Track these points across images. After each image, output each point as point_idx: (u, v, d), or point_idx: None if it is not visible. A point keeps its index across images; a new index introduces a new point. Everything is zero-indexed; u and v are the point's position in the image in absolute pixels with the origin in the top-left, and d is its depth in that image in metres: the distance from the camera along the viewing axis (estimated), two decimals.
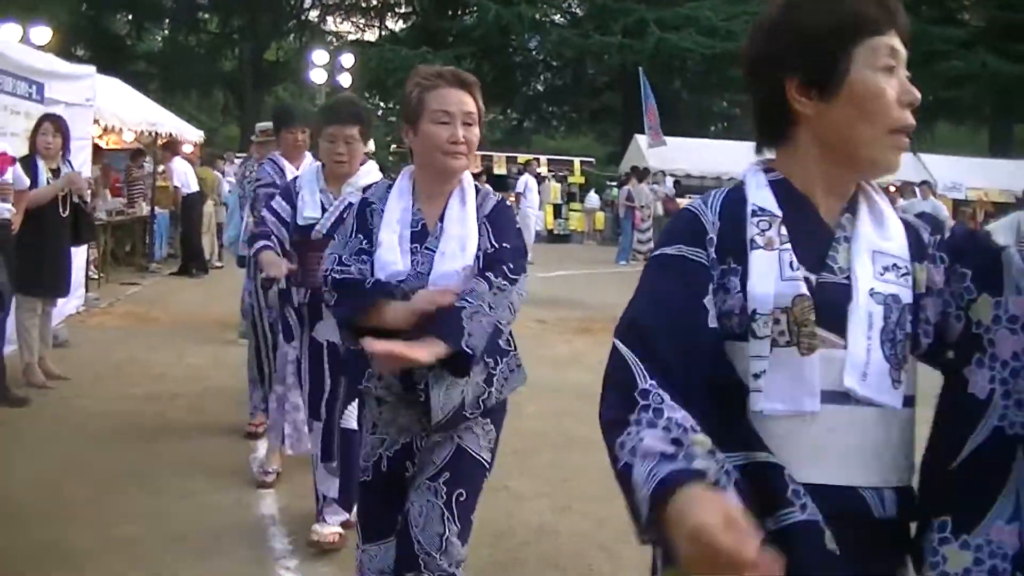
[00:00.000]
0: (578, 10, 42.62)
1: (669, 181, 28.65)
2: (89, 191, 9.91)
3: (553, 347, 11.88)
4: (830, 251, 1.99)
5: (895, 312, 1.95)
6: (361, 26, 45.53)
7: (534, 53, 42.68)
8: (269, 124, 8.04)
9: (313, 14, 44.48)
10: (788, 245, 1.95)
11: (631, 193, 25.26)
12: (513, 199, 24.42)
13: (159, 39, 45.16)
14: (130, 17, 41.52)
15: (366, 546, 3.72)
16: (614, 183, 29.18)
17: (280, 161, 7.19)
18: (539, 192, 26.37)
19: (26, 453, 6.96)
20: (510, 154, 31.90)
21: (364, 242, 3.53)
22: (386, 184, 3.72)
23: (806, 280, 1.94)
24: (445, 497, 3.52)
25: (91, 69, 12.56)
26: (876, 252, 1.99)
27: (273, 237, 5.40)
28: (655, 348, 1.89)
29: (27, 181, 8.35)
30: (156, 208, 18.61)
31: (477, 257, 3.50)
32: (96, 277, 14.73)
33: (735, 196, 2.05)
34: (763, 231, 1.97)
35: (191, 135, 20.19)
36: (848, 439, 1.90)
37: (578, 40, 39.18)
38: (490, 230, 3.57)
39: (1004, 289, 1.91)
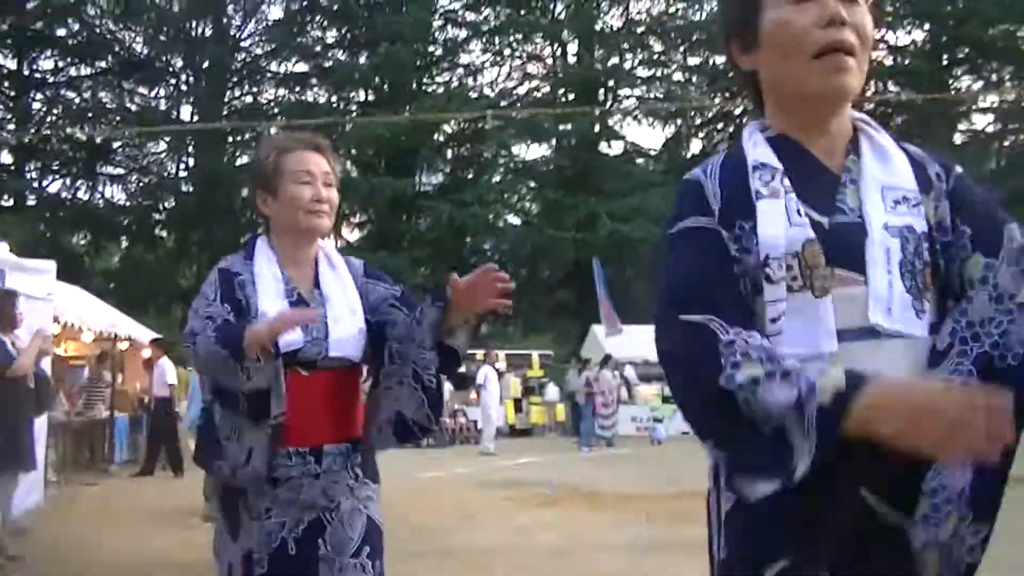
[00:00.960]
0: (532, 206, 43.25)
1: (629, 369, 28.86)
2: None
3: (519, 517, 11.83)
4: (837, 194, 2.02)
5: (911, 243, 1.98)
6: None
7: (489, 253, 43.20)
8: None
9: None
10: (792, 193, 1.99)
11: (589, 380, 25.31)
12: (474, 394, 24.45)
13: (116, 257, 45.48)
14: (88, 236, 41.89)
15: None
16: (568, 365, 29.13)
17: None
18: (499, 386, 26.37)
19: None
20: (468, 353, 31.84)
21: (230, 313, 3.26)
22: (241, 255, 3.47)
23: (818, 224, 1.97)
24: (372, 572, 3.33)
25: (51, 264, 12.58)
26: (885, 187, 2.02)
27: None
28: (720, 306, 1.91)
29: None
30: (116, 412, 18.53)
31: (367, 320, 3.43)
32: (55, 480, 14.58)
33: (734, 159, 2.09)
34: (766, 183, 2.00)
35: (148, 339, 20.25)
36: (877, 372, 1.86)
37: (533, 237, 39.78)
38: (380, 282, 3.55)
39: (999, 259, 1.95)
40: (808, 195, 2.01)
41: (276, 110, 43.02)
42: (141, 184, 42.25)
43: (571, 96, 43.11)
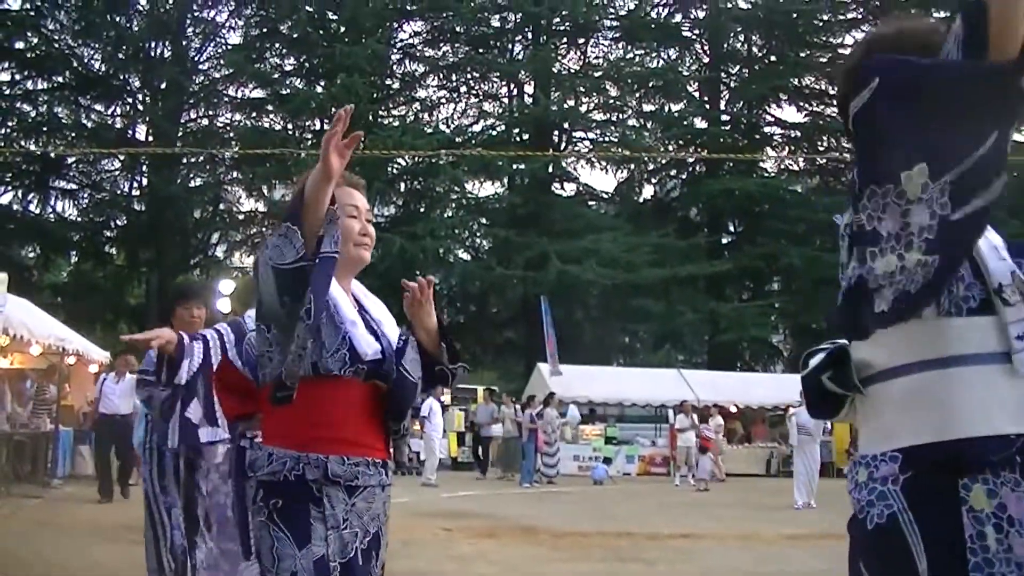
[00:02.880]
0: (483, 243, 43.37)
1: (573, 409, 29.05)
2: None
3: (459, 548, 11.96)
4: None
5: None
6: None
7: (438, 287, 43.07)
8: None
9: (220, 249, 44.85)
10: None
11: (533, 416, 25.42)
12: (418, 425, 24.52)
13: (65, 272, 45.22)
14: (38, 249, 41.64)
15: None
16: (513, 400, 29.21)
17: None
18: (443, 419, 26.43)
19: None
20: None
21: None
22: None
23: None
24: None
25: (3, 276, 12.61)
26: None
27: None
28: None
29: None
30: (60, 426, 18.53)
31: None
32: None
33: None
34: None
35: (97, 355, 20.22)
36: None
37: (482, 273, 39.95)
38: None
39: None
40: None
41: (232, 134, 42.93)
42: (93, 200, 41.91)
43: (526, 136, 43.26)
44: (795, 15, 44.22)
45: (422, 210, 41.62)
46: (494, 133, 43.89)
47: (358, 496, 3.30)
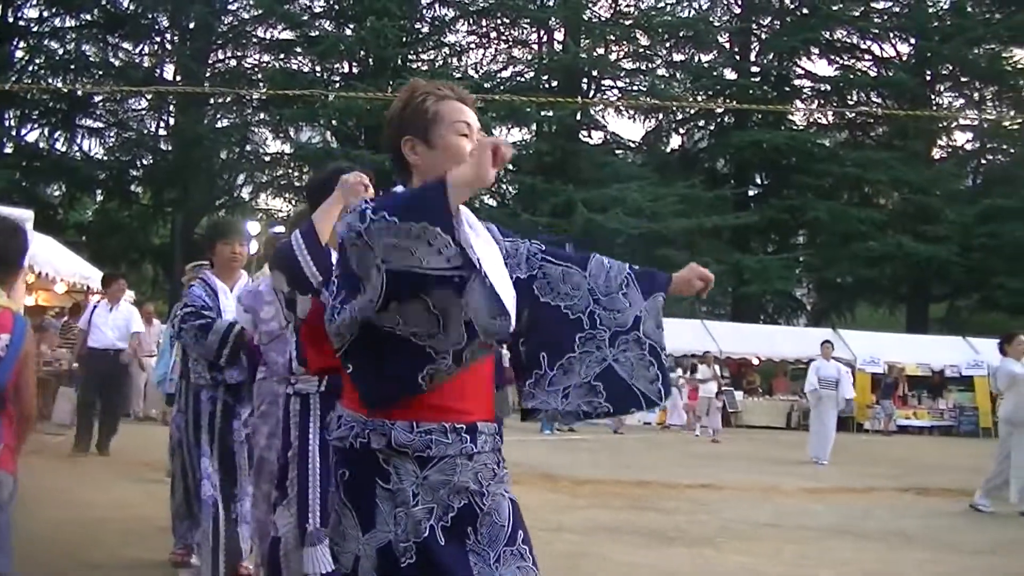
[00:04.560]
0: (509, 189, 43.24)
1: None
2: None
3: None
4: None
5: None
6: (294, 203, 45.94)
7: None
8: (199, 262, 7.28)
9: (246, 191, 44.81)
10: None
11: None
12: None
13: (90, 211, 45.33)
14: (63, 187, 41.71)
15: None
16: None
17: (211, 280, 6.52)
18: None
19: None
20: None
21: None
22: None
23: None
24: (531, 558, 3.05)
25: (28, 213, 12.61)
26: None
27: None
28: None
29: None
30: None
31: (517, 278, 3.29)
32: None
33: None
34: None
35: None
36: None
37: (507, 220, 39.81)
38: (516, 238, 3.47)
39: None
40: None
41: (259, 76, 42.84)
42: (120, 140, 41.91)
43: (554, 83, 43.13)
44: None
45: None
46: (523, 80, 43.69)
47: (431, 468, 2.93)
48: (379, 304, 2.75)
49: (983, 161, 46.51)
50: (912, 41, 44.45)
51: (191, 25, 41.97)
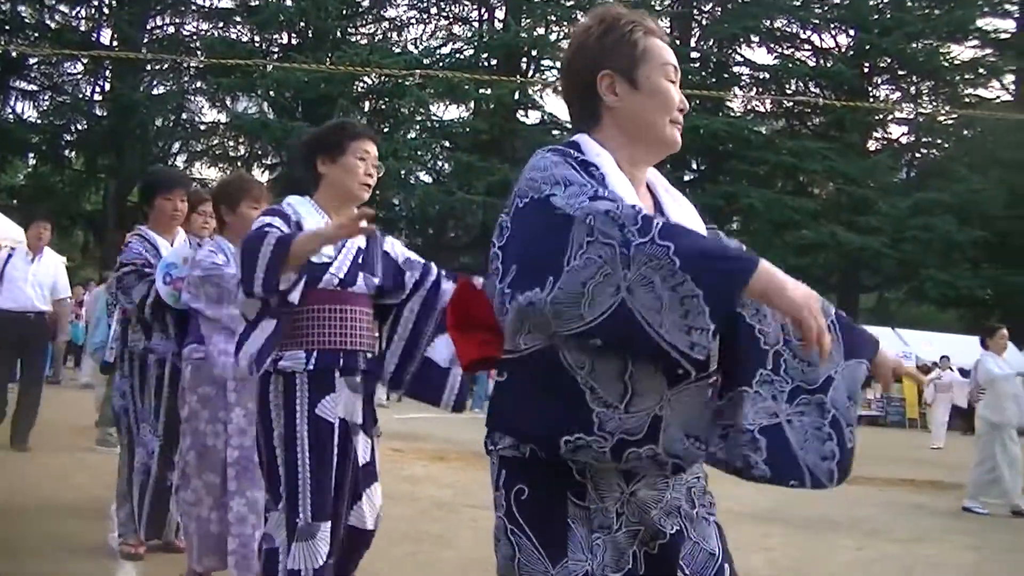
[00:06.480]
0: (445, 166, 43.21)
1: None
2: None
3: (410, 469, 11.99)
4: None
5: None
6: (227, 172, 45.58)
7: (397, 209, 43.04)
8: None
9: (180, 159, 44.41)
10: None
11: None
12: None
13: (21, 175, 44.72)
14: None
15: None
16: None
17: (149, 235, 6.20)
18: None
19: None
20: None
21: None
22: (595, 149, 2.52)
23: None
24: None
25: None
26: None
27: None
28: None
29: None
30: None
31: None
32: None
33: None
34: None
35: None
36: None
37: (442, 197, 39.80)
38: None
39: None
40: None
41: (197, 44, 42.52)
42: (54, 103, 41.31)
43: (494, 61, 43.10)
44: None
45: (386, 130, 41.29)
46: (462, 57, 43.58)
47: (639, 482, 2.35)
48: (583, 328, 2.16)
49: (917, 155, 47.12)
50: (851, 33, 44.91)
51: None
